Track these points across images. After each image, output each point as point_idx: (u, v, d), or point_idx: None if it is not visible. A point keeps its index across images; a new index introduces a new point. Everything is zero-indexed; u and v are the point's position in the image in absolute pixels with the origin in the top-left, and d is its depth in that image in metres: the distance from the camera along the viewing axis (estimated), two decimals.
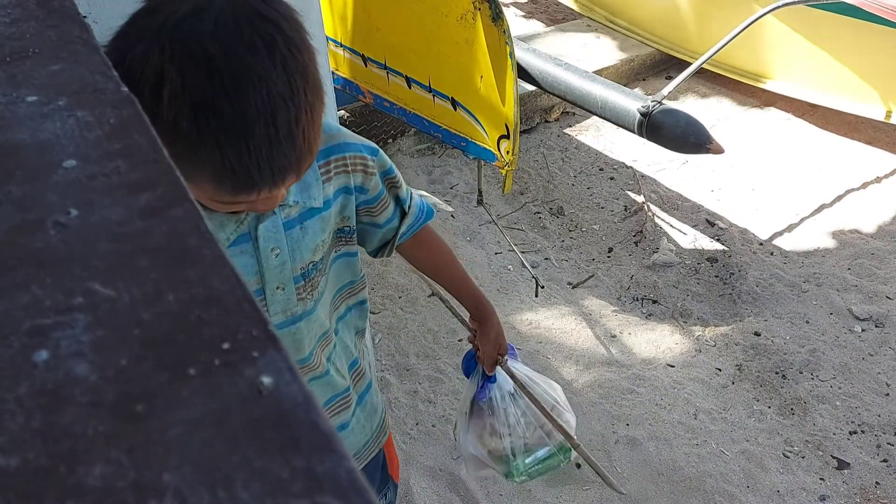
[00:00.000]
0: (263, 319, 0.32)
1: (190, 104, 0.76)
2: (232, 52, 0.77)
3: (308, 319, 1.14)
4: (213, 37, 0.76)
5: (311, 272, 1.11)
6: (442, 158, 3.56)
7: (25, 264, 0.34)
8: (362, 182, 1.17)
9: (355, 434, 1.32)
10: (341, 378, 1.26)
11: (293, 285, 1.09)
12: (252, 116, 0.78)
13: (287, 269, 1.07)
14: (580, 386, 2.48)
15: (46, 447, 0.27)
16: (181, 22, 0.77)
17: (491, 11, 1.78)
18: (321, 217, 1.10)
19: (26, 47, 0.49)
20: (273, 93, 0.79)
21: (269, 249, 1.04)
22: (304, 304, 1.12)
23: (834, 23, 3.42)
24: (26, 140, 0.41)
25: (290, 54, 0.81)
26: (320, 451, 0.27)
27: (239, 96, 0.77)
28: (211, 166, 0.80)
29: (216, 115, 0.77)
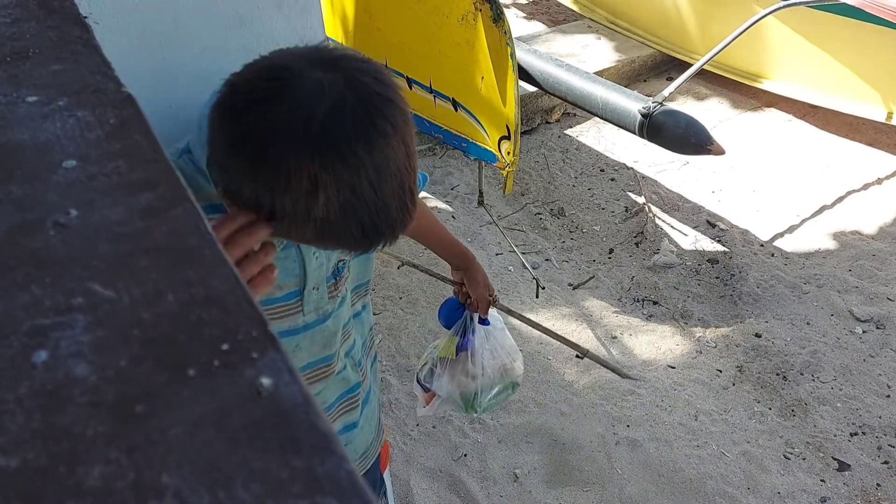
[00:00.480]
0: (263, 320, 0.32)
1: (340, 202, 0.81)
2: (373, 147, 0.81)
3: (335, 317, 1.16)
4: (356, 136, 0.80)
5: (341, 270, 1.14)
6: (443, 159, 3.56)
7: (25, 264, 0.34)
8: None
9: (364, 432, 1.34)
10: (355, 374, 1.28)
11: (325, 284, 1.12)
12: (389, 195, 0.83)
13: (323, 270, 1.10)
14: (581, 387, 2.48)
15: (46, 447, 0.27)
16: (325, 125, 0.79)
17: (492, 12, 1.78)
18: None
19: (27, 47, 0.49)
20: (400, 167, 0.84)
21: (311, 253, 1.06)
22: (332, 302, 1.15)
23: (835, 24, 3.42)
24: (27, 140, 0.41)
25: (405, 124, 0.85)
26: (320, 451, 0.27)
27: (380, 182, 0.82)
28: (353, 241, 0.86)
29: (361, 203, 0.82)
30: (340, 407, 1.27)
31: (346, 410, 1.28)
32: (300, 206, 0.80)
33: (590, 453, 2.26)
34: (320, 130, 0.78)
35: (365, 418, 1.34)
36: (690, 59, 3.93)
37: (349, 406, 1.29)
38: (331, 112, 0.78)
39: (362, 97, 0.81)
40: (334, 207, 0.80)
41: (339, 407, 1.27)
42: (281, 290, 1.05)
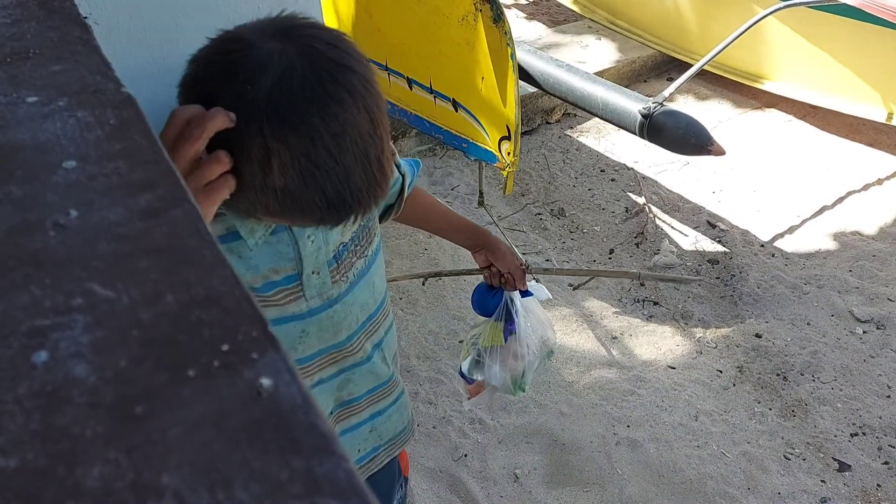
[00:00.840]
0: (263, 320, 0.32)
1: (298, 170, 0.81)
2: (327, 113, 0.81)
3: (344, 302, 1.16)
4: (308, 104, 0.80)
5: (341, 253, 1.14)
6: (443, 160, 3.56)
7: (25, 265, 0.34)
8: None
9: (392, 419, 1.34)
10: (385, 367, 1.28)
11: (327, 268, 1.11)
12: (351, 163, 0.83)
13: (322, 253, 1.09)
14: (581, 387, 2.48)
15: (45, 448, 0.27)
16: (272, 96, 0.79)
17: (492, 13, 1.78)
18: None
19: (27, 48, 0.49)
20: (363, 133, 0.84)
21: (305, 236, 1.06)
22: (338, 286, 1.14)
23: (835, 24, 3.42)
24: (26, 140, 0.41)
25: (367, 91, 0.85)
26: (319, 452, 0.27)
27: (339, 150, 0.82)
28: (318, 211, 0.86)
29: (321, 172, 0.82)
30: (369, 400, 1.28)
31: (375, 402, 1.29)
32: (257, 177, 0.81)
33: (590, 454, 2.26)
34: (267, 99, 0.78)
35: (398, 407, 1.34)
36: (691, 60, 3.93)
37: (380, 397, 1.29)
38: (279, 81, 0.79)
39: (314, 64, 0.81)
40: (292, 177, 0.81)
41: (369, 399, 1.27)
42: (277, 273, 1.05)
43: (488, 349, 1.60)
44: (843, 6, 2.93)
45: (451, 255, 2.97)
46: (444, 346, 2.60)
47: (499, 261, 1.49)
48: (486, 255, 1.50)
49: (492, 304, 1.58)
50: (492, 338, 1.59)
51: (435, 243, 3.03)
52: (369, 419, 1.29)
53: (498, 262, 1.49)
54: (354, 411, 1.27)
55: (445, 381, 2.47)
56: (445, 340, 2.61)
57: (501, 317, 1.57)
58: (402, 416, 1.37)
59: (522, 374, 1.61)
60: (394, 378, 1.32)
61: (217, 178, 0.80)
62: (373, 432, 1.31)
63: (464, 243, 1.52)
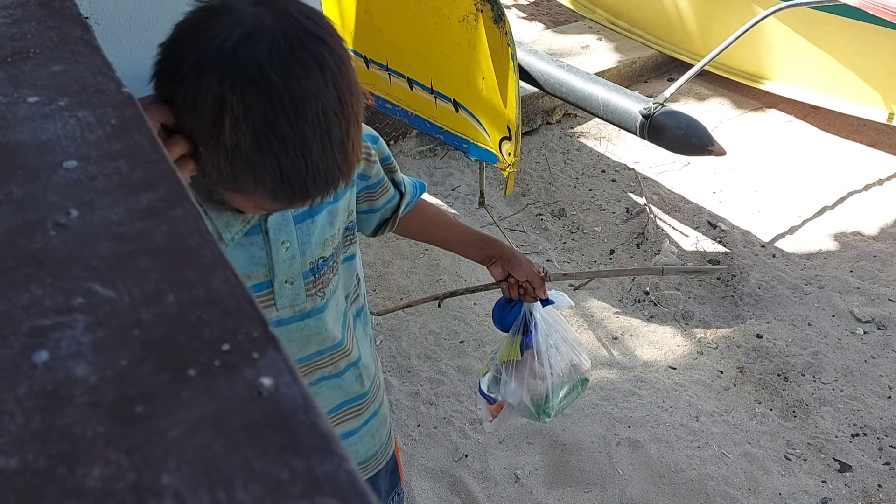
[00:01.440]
0: (263, 320, 0.32)
1: (251, 128, 0.79)
2: (290, 75, 0.79)
3: (318, 318, 1.14)
4: (270, 61, 0.78)
5: (321, 268, 1.12)
6: (444, 160, 3.56)
7: (25, 264, 0.34)
8: (364, 170, 1.19)
9: (363, 442, 1.31)
10: (359, 385, 1.25)
11: (302, 280, 1.09)
12: (309, 134, 0.81)
13: (297, 263, 1.07)
14: None
15: (46, 448, 0.27)
16: (237, 48, 0.78)
17: (493, 13, 1.78)
18: (329, 210, 1.11)
19: (27, 48, 0.49)
20: (327, 109, 0.82)
21: (279, 242, 1.04)
22: (313, 300, 1.12)
23: (835, 25, 3.42)
24: (27, 140, 0.41)
25: (339, 70, 0.83)
26: (320, 452, 0.27)
27: (298, 116, 0.80)
28: (270, 182, 0.83)
29: (276, 136, 0.80)
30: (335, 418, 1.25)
31: (344, 420, 1.26)
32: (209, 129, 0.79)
33: (591, 454, 2.26)
34: (232, 51, 0.78)
35: (369, 429, 1.31)
36: (691, 60, 3.93)
37: (350, 415, 1.26)
38: (248, 35, 0.78)
39: (287, 29, 0.80)
40: (244, 134, 0.79)
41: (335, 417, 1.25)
42: (249, 279, 1.04)
43: (505, 364, 1.53)
44: (843, 6, 2.93)
45: (452, 255, 2.97)
46: (445, 347, 2.60)
47: (516, 270, 1.42)
48: (502, 267, 1.42)
49: (510, 317, 1.51)
50: (508, 352, 1.52)
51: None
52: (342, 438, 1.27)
53: (515, 272, 1.42)
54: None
55: (446, 382, 2.47)
56: (446, 341, 2.61)
57: (519, 330, 1.50)
58: (373, 440, 1.33)
59: (546, 399, 1.52)
60: (367, 398, 1.28)
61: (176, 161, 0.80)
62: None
63: (476, 257, 1.44)
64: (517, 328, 1.50)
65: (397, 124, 3.26)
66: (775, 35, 3.68)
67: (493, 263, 1.42)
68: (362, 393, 1.27)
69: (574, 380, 1.58)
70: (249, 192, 0.87)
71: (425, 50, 2.01)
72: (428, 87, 2.07)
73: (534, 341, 1.48)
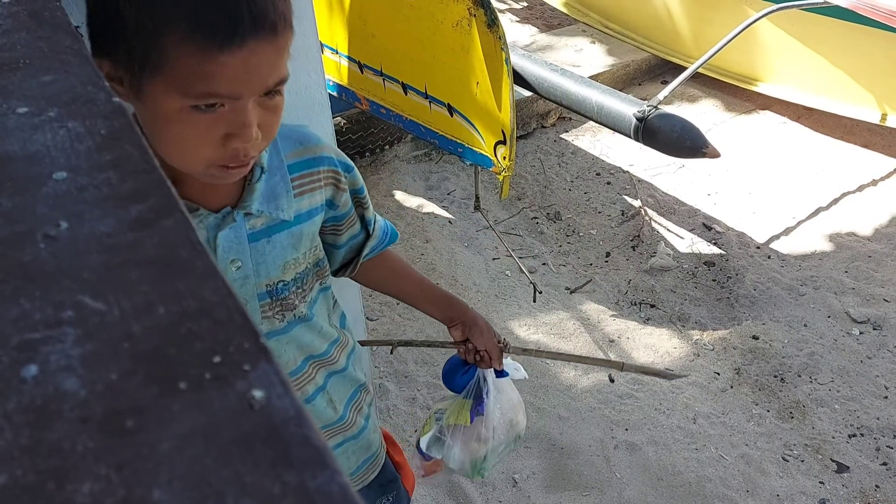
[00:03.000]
0: (255, 331, 0.32)
1: None
2: None
3: (278, 340, 1.10)
4: None
5: (280, 291, 1.07)
6: (439, 164, 3.56)
7: (14, 277, 0.34)
8: (332, 196, 1.14)
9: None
10: (332, 410, 1.22)
11: (257, 302, 1.05)
12: None
13: (250, 284, 1.03)
14: (578, 391, 2.48)
15: (35, 464, 0.27)
16: None
17: (486, 17, 1.78)
18: (291, 232, 1.06)
19: (17, 58, 0.49)
20: None
21: (228, 261, 1.00)
22: (270, 322, 1.08)
23: (828, 26, 3.43)
24: (16, 151, 0.41)
25: None
26: (312, 465, 0.27)
27: None
28: (182, 9, 0.77)
29: None
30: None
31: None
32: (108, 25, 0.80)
33: (588, 457, 2.26)
34: None
35: (344, 451, 1.28)
36: (685, 63, 3.93)
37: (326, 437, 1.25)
38: None
39: None
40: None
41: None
42: None
43: (451, 427, 1.49)
44: (835, 8, 2.94)
45: (448, 259, 2.97)
46: (442, 352, 2.59)
47: (476, 337, 1.36)
48: (462, 331, 1.36)
49: (463, 380, 1.47)
50: (457, 416, 1.48)
51: (432, 248, 3.03)
52: None
53: (475, 339, 1.36)
54: None
55: (443, 387, 2.46)
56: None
57: (471, 395, 1.46)
58: (347, 462, 1.30)
59: (484, 458, 1.50)
60: (342, 423, 1.25)
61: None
62: None
63: (438, 316, 1.38)
64: (469, 392, 1.46)
65: (392, 129, 3.26)
66: (768, 37, 3.68)
67: (454, 325, 1.37)
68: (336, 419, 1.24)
69: (511, 437, 1.54)
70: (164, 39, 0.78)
71: (419, 55, 2.00)
72: (422, 91, 2.07)
73: (485, 409, 1.45)
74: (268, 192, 1.02)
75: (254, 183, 1.00)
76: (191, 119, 0.83)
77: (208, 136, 0.85)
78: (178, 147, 0.86)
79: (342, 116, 3.01)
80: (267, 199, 1.02)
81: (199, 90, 0.81)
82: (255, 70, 0.82)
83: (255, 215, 1.01)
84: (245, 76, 0.81)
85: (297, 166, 1.07)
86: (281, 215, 1.03)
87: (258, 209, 1.01)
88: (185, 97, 0.81)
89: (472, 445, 1.48)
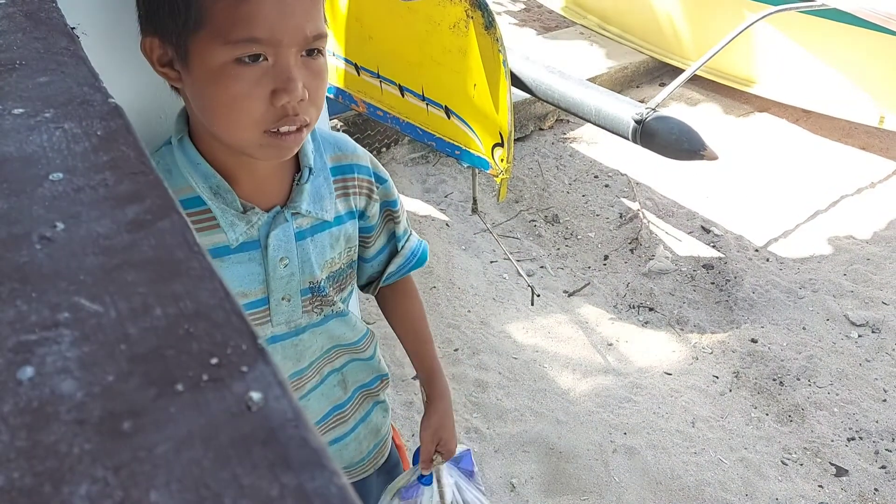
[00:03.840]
0: (252, 333, 0.32)
1: None
2: None
3: (313, 332, 1.13)
4: None
5: (321, 288, 1.10)
6: (436, 167, 3.56)
7: (10, 279, 0.34)
8: (365, 206, 1.15)
9: (349, 448, 1.30)
10: (341, 391, 1.24)
11: (300, 297, 1.08)
12: None
13: (295, 281, 1.06)
14: (577, 395, 2.48)
15: (31, 466, 0.27)
16: None
17: (483, 20, 1.78)
18: (331, 233, 1.09)
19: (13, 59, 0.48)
20: None
21: (277, 259, 1.03)
22: (309, 316, 1.11)
23: (826, 29, 3.44)
24: (12, 153, 0.41)
25: None
26: (310, 467, 0.27)
27: None
28: None
29: None
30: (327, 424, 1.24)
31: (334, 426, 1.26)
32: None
33: (587, 462, 2.25)
34: None
35: (354, 437, 1.30)
36: (683, 65, 3.94)
37: (337, 422, 1.26)
38: None
39: None
40: None
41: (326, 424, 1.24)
42: (246, 297, 1.03)
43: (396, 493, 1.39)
44: (833, 10, 2.94)
45: (445, 262, 2.97)
46: (440, 355, 2.59)
47: (423, 424, 1.33)
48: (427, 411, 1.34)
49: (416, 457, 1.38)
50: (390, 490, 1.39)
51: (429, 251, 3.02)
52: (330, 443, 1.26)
53: (421, 424, 1.33)
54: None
55: None
56: (440, 349, 2.61)
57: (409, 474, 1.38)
58: (359, 446, 1.31)
59: None
60: (351, 403, 1.26)
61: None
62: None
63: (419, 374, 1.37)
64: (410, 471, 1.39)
65: (389, 131, 3.26)
66: (766, 39, 3.69)
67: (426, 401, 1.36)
68: (347, 398, 1.26)
69: None
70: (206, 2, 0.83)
71: (416, 57, 2.00)
72: (419, 93, 2.07)
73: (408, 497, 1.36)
74: (314, 193, 1.05)
75: (303, 183, 1.03)
76: (236, 72, 0.85)
77: (255, 92, 0.86)
78: (227, 108, 0.87)
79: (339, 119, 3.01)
80: (313, 200, 1.05)
81: (238, 35, 0.83)
82: (290, 12, 0.84)
83: (302, 215, 1.04)
84: (281, 19, 0.84)
85: (337, 170, 1.10)
86: (324, 216, 1.07)
87: (307, 209, 1.04)
88: (227, 45, 0.83)
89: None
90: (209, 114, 0.89)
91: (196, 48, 0.84)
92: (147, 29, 0.88)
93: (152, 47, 0.88)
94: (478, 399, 2.42)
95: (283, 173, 1.03)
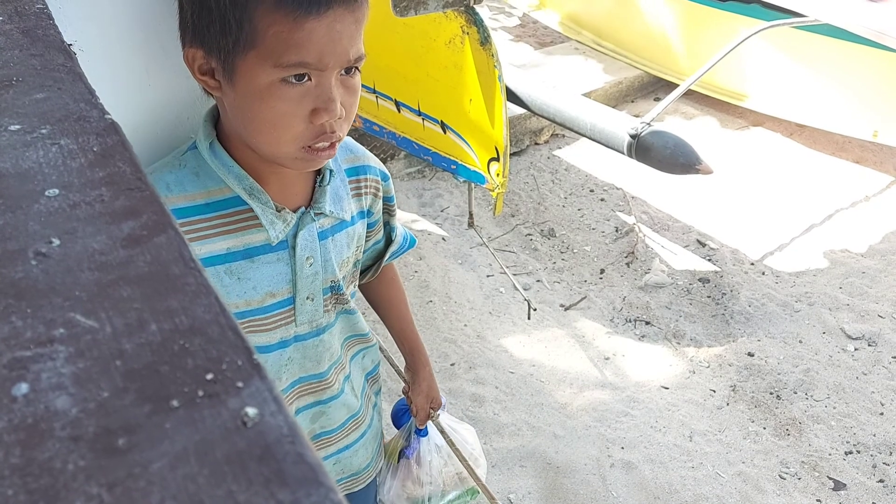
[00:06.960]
0: (248, 348, 0.32)
1: None
2: None
3: (330, 332, 1.16)
4: None
5: (339, 287, 1.14)
6: (432, 181, 3.56)
7: (6, 294, 0.34)
8: (371, 204, 1.20)
9: (359, 455, 1.34)
10: (354, 398, 1.28)
11: (321, 297, 1.11)
12: None
13: (318, 280, 1.09)
14: (574, 409, 2.47)
15: (25, 484, 0.27)
16: None
17: (479, 35, 1.79)
18: (347, 232, 1.13)
19: (10, 76, 0.48)
20: None
21: (304, 258, 1.06)
22: (328, 316, 1.15)
23: (819, 43, 3.46)
24: (9, 169, 0.41)
25: None
26: (307, 483, 0.27)
27: None
28: None
29: None
30: (345, 430, 1.28)
31: (349, 432, 1.30)
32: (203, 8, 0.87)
33: (584, 476, 2.25)
34: None
35: (363, 442, 1.34)
36: (677, 80, 3.96)
37: (352, 429, 1.30)
38: None
39: None
40: None
41: (344, 430, 1.28)
42: (274, 297, 1.05)
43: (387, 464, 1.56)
44: (826, 26, 2.96)
45: (442, 276, 2.97)
46: (436, 370, 2.58)
47: (414, 391, 1.47)
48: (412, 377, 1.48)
49: (402, 420, 1.56)
50: (390, 454, 1.55)
51: (425, 265, 3.02)
52: (336, 452, 1.30)
53: (412, 392, 1.47)
54: (328, 443, 1.27)
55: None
56: (437, 364, 2.60)
57: (403, 438, 1.54)
58: (367, 452, 1.37)
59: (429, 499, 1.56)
60: (362, 410, 1.32)
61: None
62: (336, 465, 1.31)
63: (403, 351, 1.48)
64: (403, 433, 1.55)
65: (385, 146, 3.26)
66: (760, 54, 3.71)
67: (408, 370, 1.48)
68: (360, 406, 1.30)
69: (461, 489, 1.61)
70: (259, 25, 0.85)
71: (412, 72, 2.01)
72: (415, 109, 2.07)
73: (412, 453, 1.53)
74: (334, 194, 1.09)
75: (325, 185, 1.07)
76: (281, 92, 0.87)
77: (298, 111, 0.89)
78: (270, 124, 0.90)
79: None
80: (334, 201, 1.09)
81: (289, 59, 0.86)
82: (338, 38, 0.87)
83: (325, 215, 1.08)
84: (330, 45, 0.87)
85: (351, 171, 1.15)
86: (344, 216, 1.11)
87: (329, 210, 1.08)
88: (276, 67, 0.86)
89: (407, 485, 1.55)
90: (251, 128, 0.91)
91: (244, 67, 0.87)
92: (192, 40, 0.90)
93: (195, 57, 0.90)
94: (474, 414, 2.41)
95: (307, 175, 1.07)
